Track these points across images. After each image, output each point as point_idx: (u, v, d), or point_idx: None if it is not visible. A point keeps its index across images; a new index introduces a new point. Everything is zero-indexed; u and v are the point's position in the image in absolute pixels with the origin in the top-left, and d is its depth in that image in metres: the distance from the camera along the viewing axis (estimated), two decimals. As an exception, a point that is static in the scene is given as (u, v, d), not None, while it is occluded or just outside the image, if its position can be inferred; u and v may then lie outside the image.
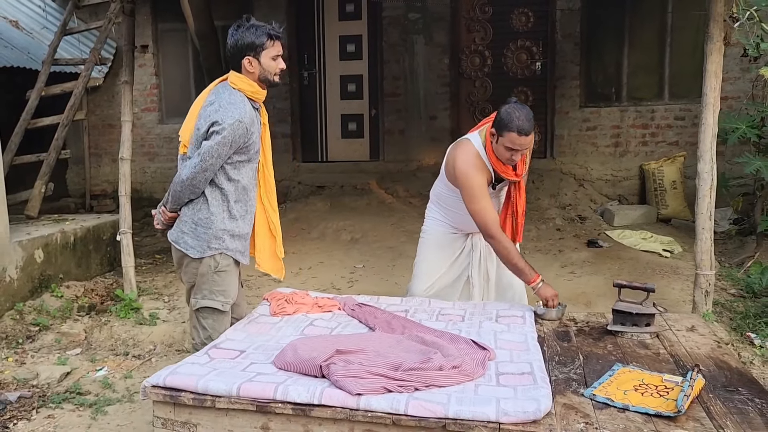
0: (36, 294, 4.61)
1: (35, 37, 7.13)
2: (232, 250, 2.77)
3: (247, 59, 2.66)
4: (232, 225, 2.74)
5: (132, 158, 4.91)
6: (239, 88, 2.68)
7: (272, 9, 7.36)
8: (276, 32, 2.69)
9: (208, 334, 2.77)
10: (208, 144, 2.61)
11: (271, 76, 2.72)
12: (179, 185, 2.68)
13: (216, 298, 2.78)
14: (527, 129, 2.78)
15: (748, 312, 4.07)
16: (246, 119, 2.64)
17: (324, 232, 6.12)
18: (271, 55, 2.68)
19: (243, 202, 2.77)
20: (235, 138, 2.62)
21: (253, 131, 2.69)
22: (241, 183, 2.74)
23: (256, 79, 2.70)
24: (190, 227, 2.73)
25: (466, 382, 2.10)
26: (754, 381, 2.13)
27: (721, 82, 3.76)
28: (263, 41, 2.65)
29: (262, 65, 2.68)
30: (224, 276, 2.78)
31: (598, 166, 6.90)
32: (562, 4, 6.78)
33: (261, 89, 2.74)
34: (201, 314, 2.80)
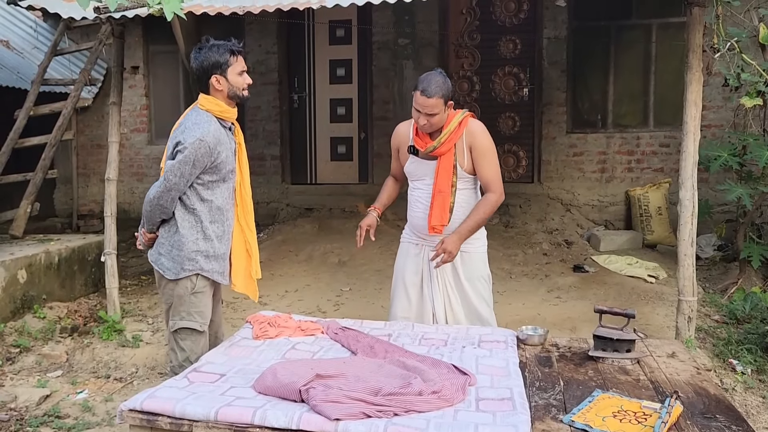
0: (18, 315, 4.56)
1: (26, 57, 7.16)
2: (208, 271, 2.77)
3: (215, 78, 2.70)
4: (206, 246, 2.74)
5: (120, 179, 4.92)
6: (207, 109, 2.72)
7: (263, 33, 7.44)
8: (238, 48, 2.75)
9: (186, 356, 2.77)
10: (170, 163, 2.65)
11: (240, 91, 2.76)
12: (148, 205, 2.71)
13: (194, 318, 2.78)
14: (429, 91, 2.90)
15: (730, 338, 4.09)
16: (209, 138, 2.65)
17: (311, 255, 6.11)
18: (237, 71, 2.73)
19: (219, 223, 2.78)
20: (198, 157, 2.63)
21: (220, 150, 2.70)
22: (215, 203, 2.75)
23: (225, 97, 2.74)
24: (167, 249, 2.74)
25: (446, 408, 2.09)
26: (731, 408, 2.14)
27: (701, 110, 3.83)
28: (227, 58, 2.70)
29: (229, 82, 2.72)
30: (201, 297, 2.79)
31: (584, 192, 6.96)
32: (548, 33, 6.89)
33: (230, 108, 2.78)
34: (179, 335, 2.79)
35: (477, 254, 3.20)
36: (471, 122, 3.09)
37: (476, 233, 3.12)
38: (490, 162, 3.07)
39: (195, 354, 2.74)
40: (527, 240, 6.28)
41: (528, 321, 4.13)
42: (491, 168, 3.07)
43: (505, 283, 5.34)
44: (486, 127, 3.13)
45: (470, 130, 3.06)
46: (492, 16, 7.08)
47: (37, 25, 7.67)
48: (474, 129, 3.07)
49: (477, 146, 3.05)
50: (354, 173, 7.62)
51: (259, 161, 7.51)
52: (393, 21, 7.16)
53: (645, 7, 6.68)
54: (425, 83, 2.94)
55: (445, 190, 3.07)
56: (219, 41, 2.75)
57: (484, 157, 3.06)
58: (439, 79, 2.95)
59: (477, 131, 3.07)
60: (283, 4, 4.11)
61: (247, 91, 2.81)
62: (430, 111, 2.94)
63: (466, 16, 7.16)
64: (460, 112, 3.09)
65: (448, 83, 2.98)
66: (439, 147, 3.05)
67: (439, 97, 2.92)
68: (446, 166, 3.06)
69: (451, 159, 3.06)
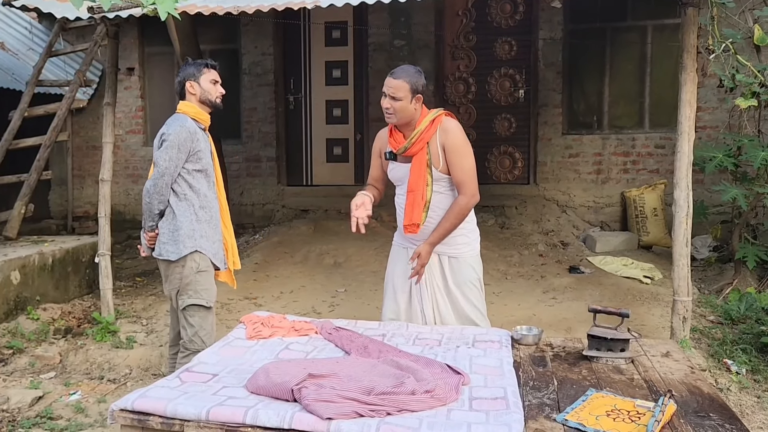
0: (11, 316, 4.54)
1: (21, 59, 7.14)
2: (206, 250, 3.08)
3: (189, 83, 3.14)
4: (200, 227, 3.08)
5: (116, 180, 4.92)
6: (183, 111, 3.14)
7: (259, 34, 7.43)
8: (209, 63, 3.18)
9: (195, 331, 3.05)
10: (159, 151, 3.04)
11: (212, 97, 3.17)
12: (146, 196, 3.05)
13: (201, 296, 3.06)
14: (396, 73, 2.97)
15: (725, 339, 4.09)
16: (188, 125, 3.05)
17: (307, 256, 6.10)
18: (209, 79, 3.15)
19: (207, 209, 3.12)
20: (181, 141, 3.01)
21: (198, 139, 3.08)
22: (202, 191, 3.10)
23: (197, 101, 3.15)
24: (168, 236, 3.05)
25: (439, 407, 2.08)
26: (725, 407, 2.14)
27: (695, 111, 3.83)
28: (201, 69, 3.15)
29: (201, 87, 3.14)
30: (206, 276, 3.09)
31: (580, 193, 6.96)
32: (544, 34, 6.90)
33: (203, 111, 3.16)
34: (188, 312, 3.06)
35: (465, 259, 3.16)
36: (445, 120, 3.04)
37: (466, 238, 3.11)
38: (463, 161, 3.01)
39: (203, 329, 3.06)
40: (523, 241, 6.28)
41: (523, 322, 4.12)
42: (464, 168, 3.01)
43: (500, 284, 5.34)
44: (479, 128, 3.14)
45: (444, 128, 3.02)
46: (488, 17, 7.09)
47: (32, 27, 7.66)
48: (447, 127, 3.02)
49: (449, 145, 3.00)
50: (350, 175, 7.61)
51: (255, 163, 7.50)
52: (389, 22, 7.16)
53: (640, 9, 6.70)
54: (396, 69, 3.02)
55: (416, 189, 3.02)
56: (197, 60, 3.24)
57: (456, 155, 3.00)
58: (411, 69, 3.00)
59: (450, 129, 3.02)
60: (278, 4, 4.10)
61: (220, 100, 3.20)
62: (393, 93, 2.94)
63: (462, 17, 7.16)
64: (434, 111, 3.06)
65: (421, 77, 2.99)
66: (411, 146, 3.02)
67: (405, 81, 2.93)
68: (418, 165, 3.02)
69: (424, 158, 3.01)
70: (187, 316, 3.06)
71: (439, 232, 3.03)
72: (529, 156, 7.11)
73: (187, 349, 3.04)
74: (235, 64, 7.56)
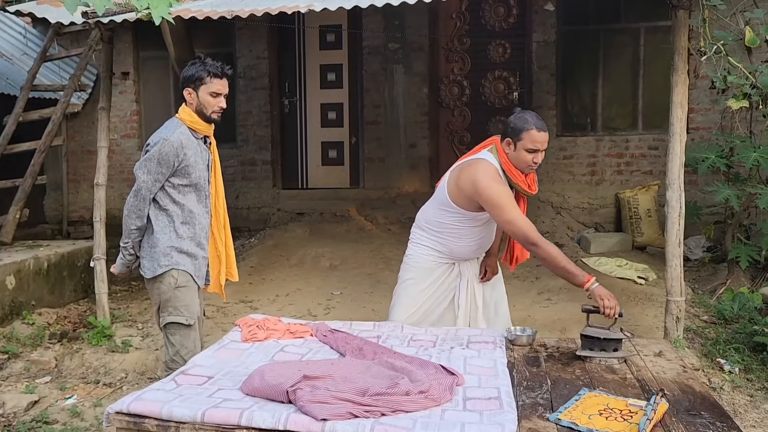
0: (7, 321, 4.54)
1: (15, 63, 7.13)
2: (183, 265, 2.88)
3: (186, 90, 2.85)
4: (179, 243, 2.87)
5: (111, 184, 4.92)
6: (181, 117, 2.87)
7: (253, 38, 7.44)
8: (216, 70, 2.82)
9: (176, 350, 2.87)
10: (138, 164, 2.82)
11: (208, 111, 2.85)
12: (125, 210, 2.87)
13: (180, 313, 2.88)
14: (542, 125, 2.92)
15: (719, 338, 4.12)
16: (173, 138, 2.77)
17: (303, 259, 6.11)
18: (210, 91, 2.83)
19: (190, 225, 2.90)
20: (162, 155, 2.76)
21: (186, 153, 2.81)
22: (187, 206, 2.88)
23: (194, 110, 2.86)
24: (146, 251, 2.89)
25: (433, 407, 2.10)
26: (716, 405, 2.16)
27: (687, 112, 3.87)
28: (202, 76, 2.81)
29: (199, 98, 2.83)
30: (185, 292, 2.89)
31: (574, 194, 6.99)
32: (538, 37, 6.94)
33: (201, 121, 2.87)
34: (168, 331, 2.90)
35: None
36: None
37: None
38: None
39: (185, 347, 2.86)
40: (518, 243, 6.29)
41: (518, 323, 4.10)
42: None
43: (495, 285, 5.35)
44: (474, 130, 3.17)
45: None
46: (482, 20, 7.12)
47: (26, 32, 7.65)
48: None
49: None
50: (345, 178, 7.62)
51: (250, 166, 7.51)
52: (383, 25, 7.18)
53: (633, 11, 6.74)
54: (535, 120, 2.92)
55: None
56: (209, 61, 2.85)
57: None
58: (537, 114, 3.02)
59: None
60: (272, 8, 4.12)
61: (217, 115, 2.87)
62: (546, 145, 2.97)
63: (455, 20, 7.19)
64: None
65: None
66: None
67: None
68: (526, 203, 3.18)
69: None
70: (168, 334, 2.90)
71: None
72: (523, 158, 7.13)
73: (170, 369, 2.84)
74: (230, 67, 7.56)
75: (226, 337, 2.87)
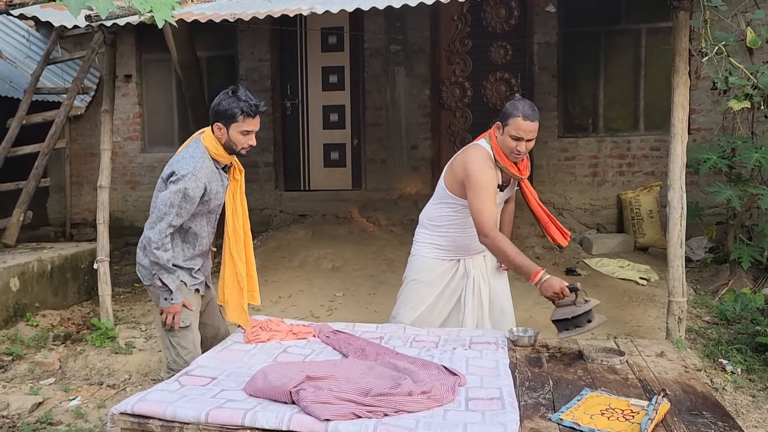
0: (10, 323, 4.56)
1: (18, 67, 7.16)
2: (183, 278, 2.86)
3: (217, 125, 2.76)
4: (174, 259, 2.82)
5: (114, 187, 4.93)
6: (205, 145, 2.79)
7: (255, 41, 7.47)
8: (251, 110, 2.72)
9: (176, 352, 2.89)
10: (162, 195, 2.74)
11: (237, 148, 2.78)
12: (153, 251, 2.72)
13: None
14: (531, 115, 2.89)
15: (721, 339, 4.12)
16: (200, 173, 2.73)
17: (305, 261, 6.12)
18: (240, 129, 2.74)
19: (191, 245, 2.89)
20: (188, 191, 2.70)
21: (211, 187, 2.78)
22: (193, 229, 2.86)
23: (222, 144, 2.78)
24: (141, 257, 2.86)
25: (435, 408, 2.11)
26: (718, 405, 2.17)
27: (688, 113, 3.87)
28: (235, 114, 2.71)
29: (229, 135, 2.75)
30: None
31: (576, 195, 6.99)
32: (539, 38, 6.95)
33: (225, 153, 2.80)
34: (168, 332, 2.90)
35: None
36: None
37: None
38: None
39: (185, 348, 2.87)
40: (520, 244, 6.28)
41: (520, 324, 4.12)
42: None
43: (497, 286, 5.35)
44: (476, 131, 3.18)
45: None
46: (483, 22, 7.13)
47: (29, 35, 7.68)
48: None
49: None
50: (347, 179, 7.64)
51: (253, 168, 7.53)
52: (384, 27, 7.20)
53: (634, 13, 6.75)
54: (524, 108, 2.90)
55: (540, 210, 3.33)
56: (244, 96, 2.74)
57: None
58: (530, 103, 2.97)
59: None
60: (274, 11, 4.14)
61: (246, 151, 2.80)
62: (533, 135, 2.96)
63: (457, 22, 7.21)
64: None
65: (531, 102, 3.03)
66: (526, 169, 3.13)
67: (538, 120, 2.95)
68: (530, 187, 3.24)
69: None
70: (168, 336, 2.89)
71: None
72: (525, 159, 7.14)
73: (171, 370, 2.85)
74: (232, 70, 7.60)
75: (229, 338, 2.89)
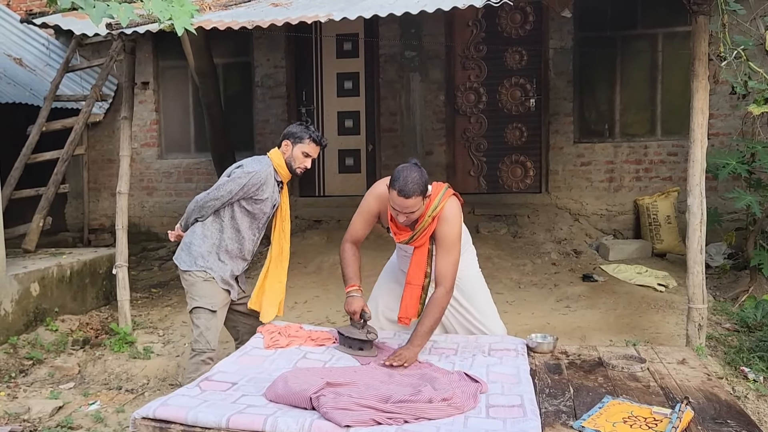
0: (31, 328, 4.61)
1: (38, 74, 7.26)
2: (216, 272, 3.22)
3: (286, 142, 3.25)
4: (219, 252, 3.23)
5: (131, 193, 4.97)
6: (271, 157, 3.27)
7: (271, 47, 7.51)
8: (316, 138, 3.25)
9: (200, 331, 3.19)
10: (224, 179, 3.20)
11: (295, 165, 3.25)
12: (192, 204, 3.26)
13: (205, 300, 3.20)
14: (406, 191, 2.69)
15: (742, 346, 4.07)
16: (262, 175, 3.17)
17: (320, 267, 6.13)
18: (303, 150, 3.23)
19: (237, 242, 3.25)
20: (248, 183, 3.14)
21: (265, 189, 3.20)
22: (240, 226, 3.23)
23: (284, 159, 3.24)
24: (186, 245, 3.26)
25: (456, 415, 2.10)
26: (742, 413, 2.14)
27: (707, 118, 3.84)
28: (303, 137, 3.23)
29: (293, 153, 3.23)
30: (210, 285, 3.21)
31: (593, 201, 6.95)
32: (554, 43, 6.93)
33: (286, 170, 3.25)
34: (194, 315, 3.22)
35: (470, 273, 3.18)
36: (447, 209, 2.86)
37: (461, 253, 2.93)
38: (450, 255, 2.82)
39: (209, 330, 3.19)
40: (536, 250, 6.27)
41: (537, 330, 4.11)
42: (450, 261, 2.81)
43: (514, 292, 5.34)
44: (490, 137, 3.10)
45: (443, 217, 2.85)
46: (498, 27, 7.13)
47: (49, 43, 7.79)
48: (446, 216, 2.85)
49: (442, 235, 2.85)
50: (362, 185, 7.64)
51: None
52: (399, 34, 7.21)
53: (650, 17, 6.71)
54: (401, 182, 2.70)
55: (415, 282, 2.94)
56: (313, 128, 3.30)
57: (446, 248, 2.83)
58: (415, 176, 2.72)
59: (448, 219, 2.85)
60: (291, 17, 4.16)
61: (301, 171, 3.26)
62: (409, 211, 2.75)
63: (472, 28, 7.21)
64: (437, 196, 2.85)
65: (425, 175, 2.78)
66: (413, 241, 2.92)
67: (417, 195, 2.72)
68: (420, 257, 2.92)
69: (425, 251, 2.91)
70: (194, 318, 3.23)
71: (424, 333, 2.72)
72: (540, 165, 7.12)
73: (194, 350, 3.19)
74: (248, 76, 7.65)
75: (248, 344, 2.91)
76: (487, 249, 5.90)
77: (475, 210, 6.85)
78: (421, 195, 2.74)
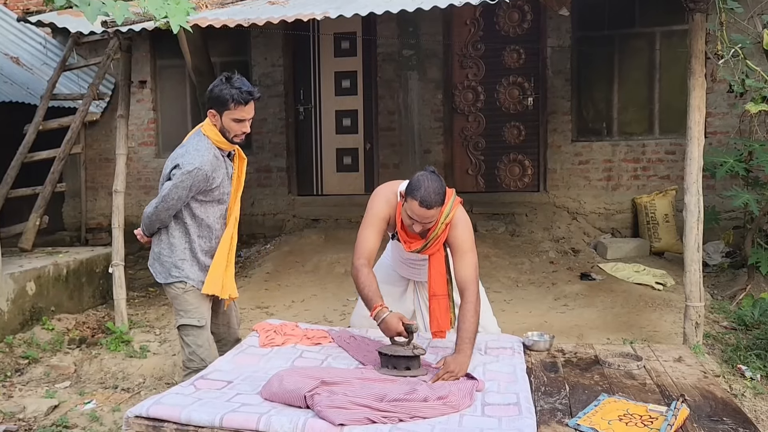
0: (27, 327, 4.59)
1: (35, 73, 7.24)
2: (193, 280, 2.94)
3: (210, 112, 2.82)
4: (191, 256, 2.93)
5: (128, 192, 4.96)
6: (206, 133, 2.85)
7: (268, 46, 7.50)
8: (242, 97, 2.74)
9: (192, 350, 2.94)
10: (168, 185, 2.81)
11: (230, 135, 2.84)
12: (147, 219, 2.93)
13: (192, 315, 2.94)
14: (429, 202, 2.59)
15: (739, 344, 4.07)
16: (206, 167, 2.79)
17: (318, 265, 6.12)
18: (233, 117, 2.79)
19: (206, 239, 2.95)
20: (194, 183, 2.79)
21: (215, 177, 2.84)
22: (206, 221, 2.92)
23: (218, 130, 2.84)
24: (156, 255, 2.98)
25: (451, 414, 2.09)
26: (738, 411, 2.13)
27: (704, 115, 3.83)
28: (227, 101, 2.75)
29: (222, 122, 2.81)
30: (194, 295, 2.95)
31: (591, 200, 6.94)
32: (552, 42, 6.92)
33: (226, 141, 2.86)
34: (183, 332, 2.97)
35: None
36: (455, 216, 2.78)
37: None
38: (467, 257, 2.73)
39: (200, 347, 2.93)
40: (534, 248, 6.27)
41: (535, 328, 4.08)
42: (468, 264, 2.71)
43: (512, 291, 5.33)
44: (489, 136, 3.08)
45: (453, 222, 2.77)
46: (496, 26, 7.12)
47: (46, 42, 7.77)
48: (454, 221, 2.76)
49: (454, 240, 2.75)
50: (360, 184, 7.64)
51: (266, 173, 7.55)
52: (397, 32, 7.20)
53: (648, 16, 6.70)
54: (423, 192, 2.59)
55: (440, 292, 2.82)
56: (238, 83, 2.78)
57: (459, 252, 2.74)
58: (437, 186, 2.62)
59: (456, 223, 2.76)
60: (288, 16, 4.15)
61: (240, 139, 2.87)
62: (429, 221, 2.66)
63: (470, 26, 7.20)
64: (448, 203, 2.74)
65: (444, 184, 2.69)
66: (425, 250, 2.81)
67: (439, 205, 2.63)
68: (438, 269, 2.81)
69: (441, 258, 2.82)
70: (182, 335, 2.96)
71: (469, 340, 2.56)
72: (538, 163, 7.11)
73: (188, 368, 2.92)
74: (246, 75, 7.51)
75: (244, 342, 2.89)
76: (485, 248, 5.90)
77: (473, 209, 6.85)
78: (441, 205, 2.66)
